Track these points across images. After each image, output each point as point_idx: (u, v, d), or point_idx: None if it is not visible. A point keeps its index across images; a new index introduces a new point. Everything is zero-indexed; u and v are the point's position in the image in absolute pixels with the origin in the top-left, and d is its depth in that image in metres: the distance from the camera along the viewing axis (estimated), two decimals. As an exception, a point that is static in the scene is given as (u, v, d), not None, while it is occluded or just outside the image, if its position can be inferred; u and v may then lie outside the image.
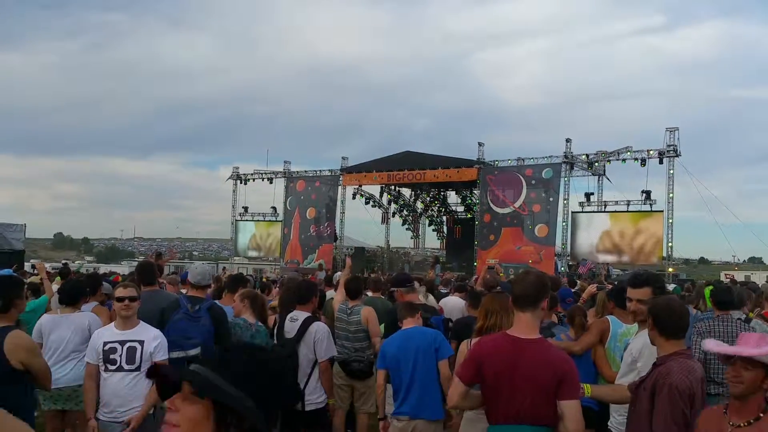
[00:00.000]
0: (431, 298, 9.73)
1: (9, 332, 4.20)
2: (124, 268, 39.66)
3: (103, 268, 29.94)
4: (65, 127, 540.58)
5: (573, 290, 10.58)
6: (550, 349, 3.56)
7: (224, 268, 29.64)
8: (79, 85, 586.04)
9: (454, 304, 9.26)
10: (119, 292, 5.25)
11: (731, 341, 5.82)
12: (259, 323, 6.15)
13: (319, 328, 5.85)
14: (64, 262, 35.49)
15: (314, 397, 5.76)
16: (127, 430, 4.94)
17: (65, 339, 5.94)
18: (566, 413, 3.39)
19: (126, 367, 5.02)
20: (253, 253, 40.42)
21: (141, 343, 5.04)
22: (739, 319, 6.32)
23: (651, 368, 3.69)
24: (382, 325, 6.93)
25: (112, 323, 5.31)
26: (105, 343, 5.10)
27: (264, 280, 15.88)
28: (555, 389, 3.38)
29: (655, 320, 3.68)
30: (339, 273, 17.08)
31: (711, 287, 7.65)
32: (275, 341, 5.94)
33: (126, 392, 5.02)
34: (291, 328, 5.85)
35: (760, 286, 12.62)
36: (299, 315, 5.93)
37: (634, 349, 4.46)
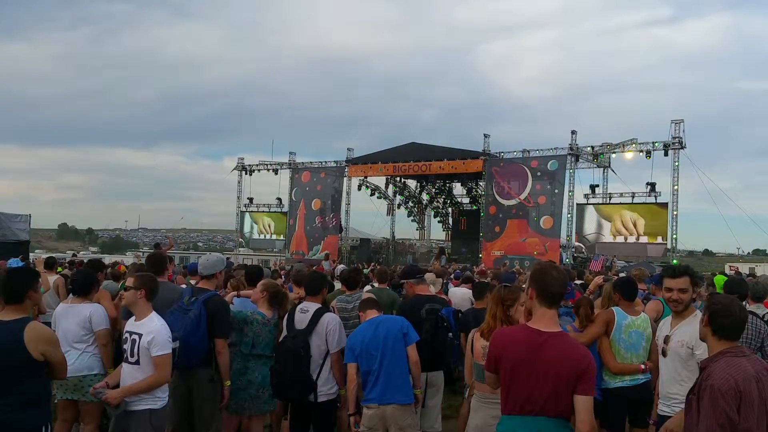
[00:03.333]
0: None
1: (27, 323, 4.22)
2: (128, 259, 39.73)
3: (108, 259, 30.01)
4: (70, 117, 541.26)
5: (580, 282, 10.57)
6: (571, 343, 3.57)
7: (228, 259, 29.68)
8: (84, 75, 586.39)
9: (462, 296, 9.28)
10: None
11: (744, 339, 5.85)
12: (275, 317, 6.18)
13: (331, 319, 5.85)
14: (73, 253, 35.59)
15: (326, 388, 5.77)
16: (106, 393, 4.87)
17: (68, 329, 5.98)
18: (580, 408, 3.40)
19: (129, 359, 4.99)
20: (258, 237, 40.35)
21: (140, 336, 4.97)
22: (753, 313, 6.29)
23: (699, 373, 3.63)
24: None
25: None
26: (123, 332, 5.15)
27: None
28: (574, 383, 3.40)
29: (711, 318, 3.59)
30: (342, 266, 17.17)
31: (724, 277, 7.66)
32: (286, 332, 5.94)
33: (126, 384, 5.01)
34: (301, 319, 5.86)
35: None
36: (310, 306, 5.93)
37: (686, 338, 4.43)
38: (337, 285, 9.34)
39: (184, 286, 8.45)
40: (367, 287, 8.46)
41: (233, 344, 5.99)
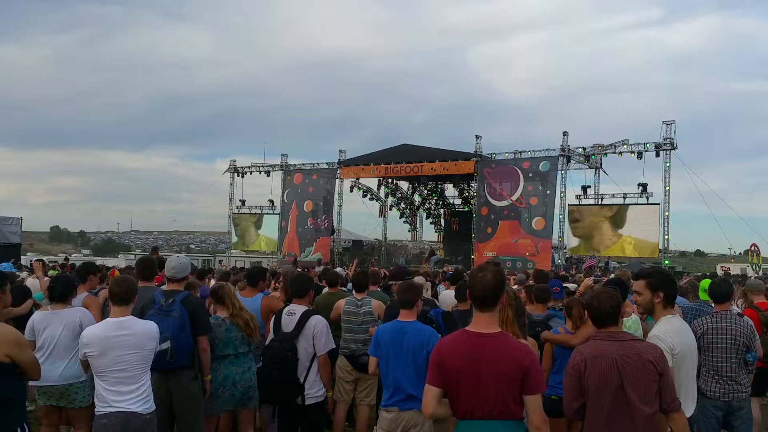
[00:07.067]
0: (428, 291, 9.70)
1: None
2: (120, 262, 39.60)
3: (100, 262, 29.98)
4: (62, 120, 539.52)
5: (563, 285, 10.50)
6: (511, 342, 3.53)
7: (221, 261, 29.64)
8: (76, 78, 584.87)
9: (452, 300, 9.20)
10: None
11: (731, 339, 5.84)
12: (227, 318, 6.15)
13: (318, 321, 5.81)
14: (64, 256, 35.48)
15: (313, 390, 5.74)
16: None
17: (56, 336, 5.85)
18: (529, 407, 3.40)
19: None
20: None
21: None
22: (738, 313, 6.29)
23: None
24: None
25: None
26: None
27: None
28: (520, 382, 3.38)
29: (587, 309, 4.27)
30: (339, 268, 17.11)
31: (709, 281, 7.65)
32: (272, 335, 5.90)
33: None
34: (288, 321, 5.81)
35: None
36: (296, 309, 5.89)
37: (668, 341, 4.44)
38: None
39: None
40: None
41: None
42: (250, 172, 39.19)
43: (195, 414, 5.74)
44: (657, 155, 27.28)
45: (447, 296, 9.52)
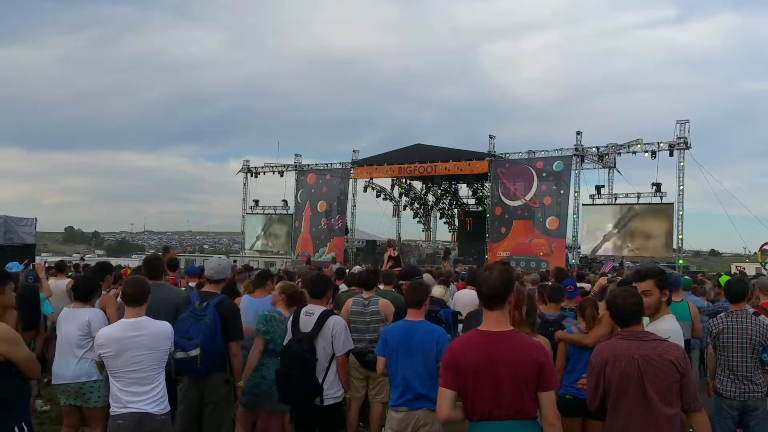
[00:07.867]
0: (442, 289, 9.69)
1: None
2: (134, 262, 39.75)
3: (113, 262, 30.08)
4: (75, 121, 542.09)
5: (579, 285, 10.48)
6: (525, 340, 3.54)
7: (234, 261, 29.70)
8: (88, 78, 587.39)
9: (471, 299, 9.19)
10: None
11: (747, 339, 5.83)
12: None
13: (337, 321, 5.81)
14: (81, 257, 35.62)
15: (332, 391, 5.73)
16: None
17: (68, 334, 5.97)
18: (544, 403, 3.41)
19: None
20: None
21: None
22: (754, 312, 6.27)
23: None
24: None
25: None
26: None
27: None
28: (535, 379, 3.38)
29: (608, 308, 4.26)
30: (358, 267, 17.14)
31: (728, 277, 7.63)
32: (291, 335, 5.92)
33: None
34: (306, 322, 5.82)
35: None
36: (315, 309, 5.89)
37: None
38: (342, 287, 9.36)
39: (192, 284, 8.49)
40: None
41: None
42: (264, 173, 39.21)
43: (224, 415, 5.76)
44: (671, 155, 27.15)
45: (461, 296, 9.52)
